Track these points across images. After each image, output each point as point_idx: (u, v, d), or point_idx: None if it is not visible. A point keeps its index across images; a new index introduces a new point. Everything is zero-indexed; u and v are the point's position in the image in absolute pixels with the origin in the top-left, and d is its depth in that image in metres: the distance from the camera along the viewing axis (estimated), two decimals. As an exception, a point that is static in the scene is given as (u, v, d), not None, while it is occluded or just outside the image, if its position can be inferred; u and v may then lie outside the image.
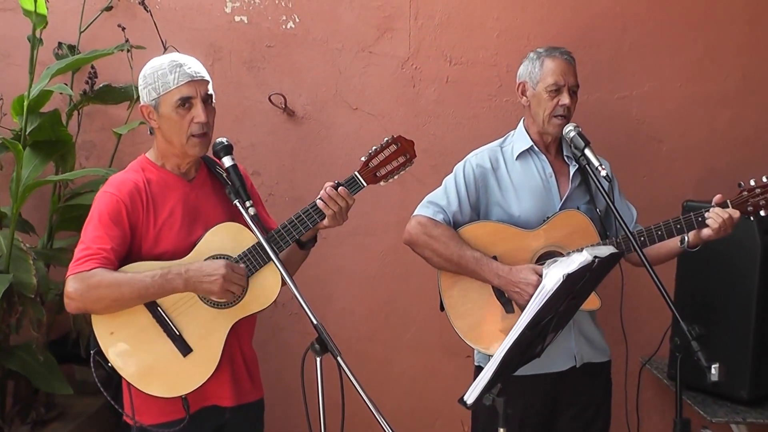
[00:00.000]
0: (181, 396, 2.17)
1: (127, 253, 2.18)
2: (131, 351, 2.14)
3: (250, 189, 2.39)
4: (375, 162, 2.28)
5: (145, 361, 2.14)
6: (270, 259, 2.14)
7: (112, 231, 2.13)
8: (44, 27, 2.98)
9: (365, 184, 2.27)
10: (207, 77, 2.23)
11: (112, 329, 2.13)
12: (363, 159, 2.27)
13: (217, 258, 2.20)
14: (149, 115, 2.22)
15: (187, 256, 2.19)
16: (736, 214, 2.35)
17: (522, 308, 2.36)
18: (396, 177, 2.31)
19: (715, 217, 2.35)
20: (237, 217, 2.23)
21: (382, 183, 2.30)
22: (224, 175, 2.27)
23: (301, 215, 2.24)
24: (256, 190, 2.47)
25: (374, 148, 2.28)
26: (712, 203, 2.40)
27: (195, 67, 2.20)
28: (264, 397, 2.44)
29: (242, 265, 2.18)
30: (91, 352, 2.13)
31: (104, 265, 2.10)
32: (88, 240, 2.13)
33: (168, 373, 2.15)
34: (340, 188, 2.24)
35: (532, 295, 2.32)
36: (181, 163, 2.26)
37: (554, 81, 2.53)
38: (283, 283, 2.17)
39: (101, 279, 2.07)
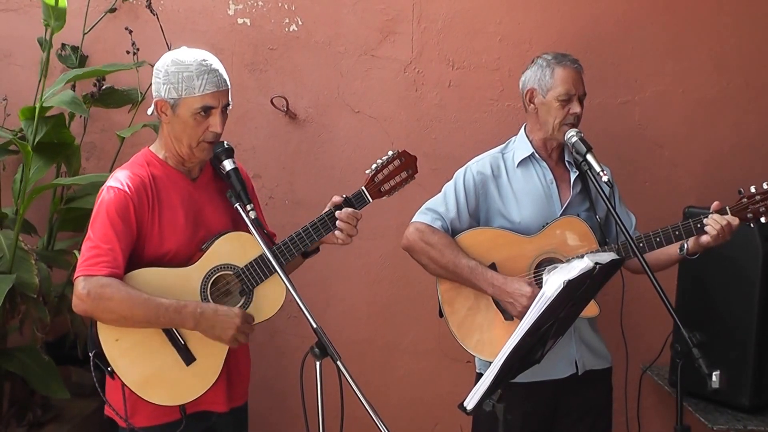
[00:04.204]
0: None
1: (132, 251, 2.15)
2: (135, 358, 2.12)
3: (251, 192, 2.37)
4: (380, 177, 2.26)
5: (148, 369, 2.12)
6: (275, 270, 2.11)
7: (120, 227, 2.09)
8: (61, 29, 2.95)
9: (371, 199, 2.27)
10: (229, 85, 2.19)
11: (117, 336, 2.11)
12: (368, 173, 2.24)
13: (224, 268, 2.19)
14: (163, 109, 2.16)
15: (195, 264, 2.17)
16: (735, 221, 2.34)
17: (518, 317, 2.36)
18: (398, 191, 2.29)
19: (713, 223, 2.34)
20: (238, 221, 2.21)
21: (385, 198, 2.29)
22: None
23: (308, 229, 2.22)
24: (256, 194, 2.45)
25: (379, 161, 2.25)
26: (711, 210, 2.39)
27: (222, 74, 2.16)
28: (249, 401, 2.42)
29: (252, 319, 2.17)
30: (90, 354, 2.11)
31: (115, 270, 2.07)
32: (97, 238, 2.09)
33: (169, 381, 2.14)
34: (350, 211, 2.22)
35: (525, 306, 2.33)
36: (186, 161, 2.24)
37: (566, 90, 2.51)
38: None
39: (115, 293, 2.04)
